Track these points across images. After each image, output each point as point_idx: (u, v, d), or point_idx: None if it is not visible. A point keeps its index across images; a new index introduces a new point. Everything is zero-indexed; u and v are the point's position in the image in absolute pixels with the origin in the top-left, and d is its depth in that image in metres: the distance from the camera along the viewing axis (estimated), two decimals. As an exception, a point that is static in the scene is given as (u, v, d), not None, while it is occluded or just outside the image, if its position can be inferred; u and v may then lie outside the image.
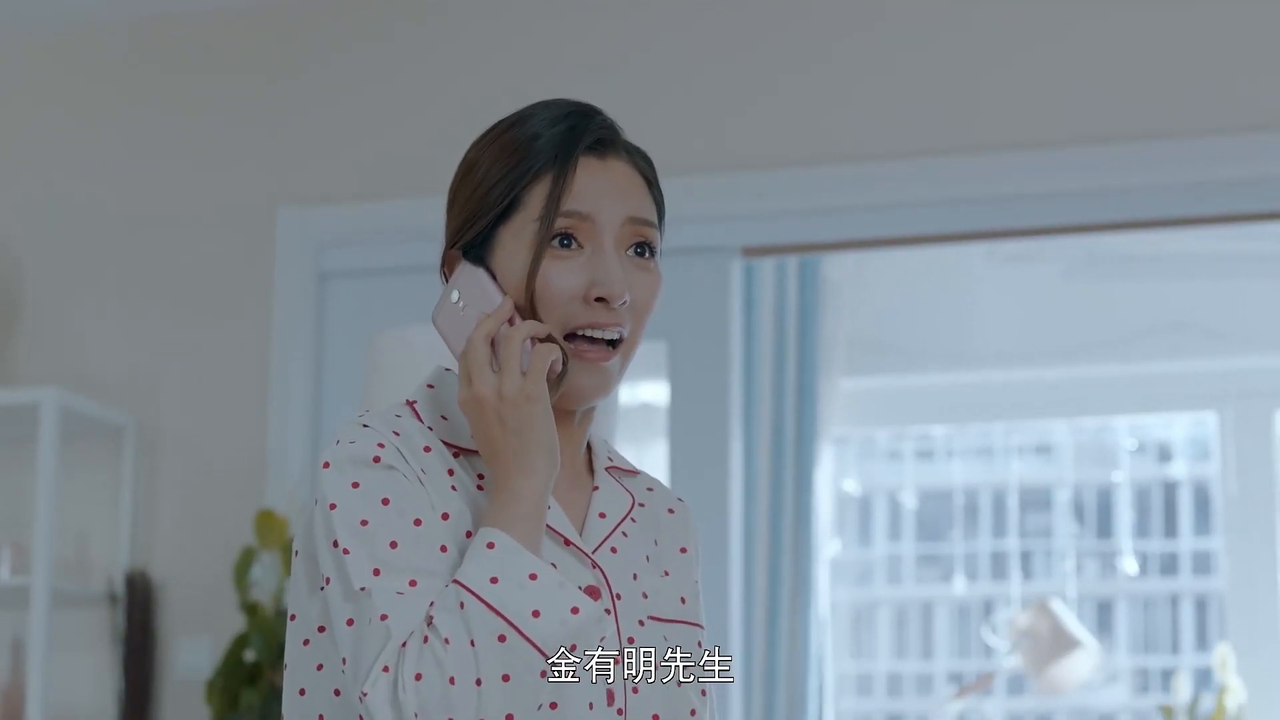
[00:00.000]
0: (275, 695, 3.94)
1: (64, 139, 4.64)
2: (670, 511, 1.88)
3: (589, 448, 1.84)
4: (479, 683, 1.56)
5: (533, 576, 1.60)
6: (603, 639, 1.63)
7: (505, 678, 1.56)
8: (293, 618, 1.71)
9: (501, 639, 1.57)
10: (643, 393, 4.91)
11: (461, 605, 1.58)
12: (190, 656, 4.30)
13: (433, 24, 4.41)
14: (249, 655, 4.04)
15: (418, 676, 1.56)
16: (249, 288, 4.43)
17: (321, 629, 1.67)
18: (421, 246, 4.00)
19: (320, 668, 1.67)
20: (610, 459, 1.85)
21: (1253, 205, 4.00)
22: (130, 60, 4.62)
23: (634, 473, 1.88)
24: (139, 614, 4.29)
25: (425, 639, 1.57)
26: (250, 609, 4.05)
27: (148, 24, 4.60)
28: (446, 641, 1.56)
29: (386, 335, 4.42)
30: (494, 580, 1.59)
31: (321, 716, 1.66)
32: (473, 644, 1.56)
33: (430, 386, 1.78)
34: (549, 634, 1.58)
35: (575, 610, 1.60)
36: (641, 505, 1.85)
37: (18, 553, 4.22)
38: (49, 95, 4.67)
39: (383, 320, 4.38)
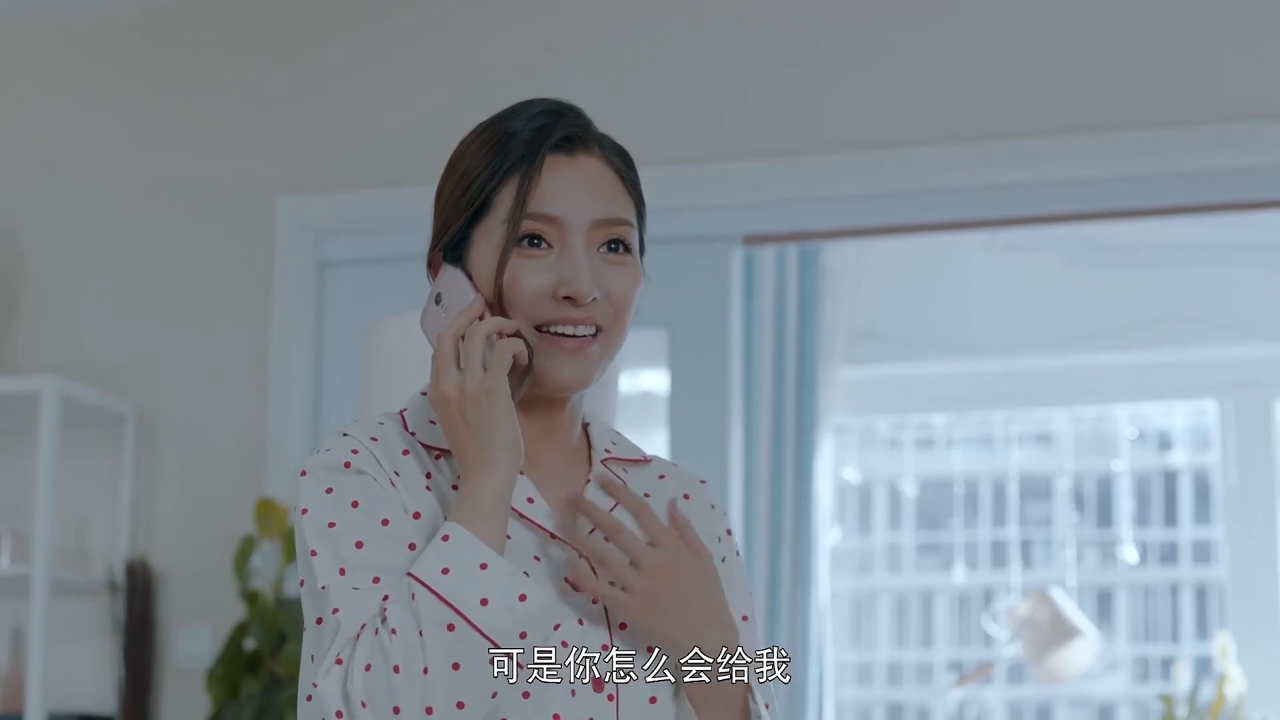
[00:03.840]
0: (275, 684, 3.94)
1: (64, 127, 4.63)
2: (686, 497, 1.87)
3: (587, 438, 1.84)
4: (425, 671, 1.58)
5: (483, 566, 1.62)
6: (557, 626, 1.65)
7: (455, 666, 1.59)
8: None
9: (450, 628, 1.59)
10: (643, 381, 4.90)
11: (413, 596, 1.61)
12: (190, 645, 4.30)
13: (431, 10, 4.41)
14: (249, 644, 4.05)
15: (367, 667, 1.59)
16: (249, 276, 4.43)
17: None
18: (421, 235, 3.91)
19: None
20: (610, 449, 1.85)
21: (1252, 194, 4.00)
22: (130, 48, 4.61)
23: (643, 462, 1.87)
24: (139, 603, 4.29)
25: (376, 631, 1.60)
26: (250, 597, 4.05)
27: (147, 12, 4.60)
28: (394, 632, 1.59)
29: (386, 324, 4.40)
30: (445, 571, 1.62)
31: None
32: (421, 634, 1.59)
33: (424, 394, 1.80)
34: (497, 621, 1.60)
35: (523, 598, 1.61)
36: (647, 496, 1.83)
37: (18, 541, 4.22)
38: (49, 84, 4.66)
39: (382, 309, 4.37)
